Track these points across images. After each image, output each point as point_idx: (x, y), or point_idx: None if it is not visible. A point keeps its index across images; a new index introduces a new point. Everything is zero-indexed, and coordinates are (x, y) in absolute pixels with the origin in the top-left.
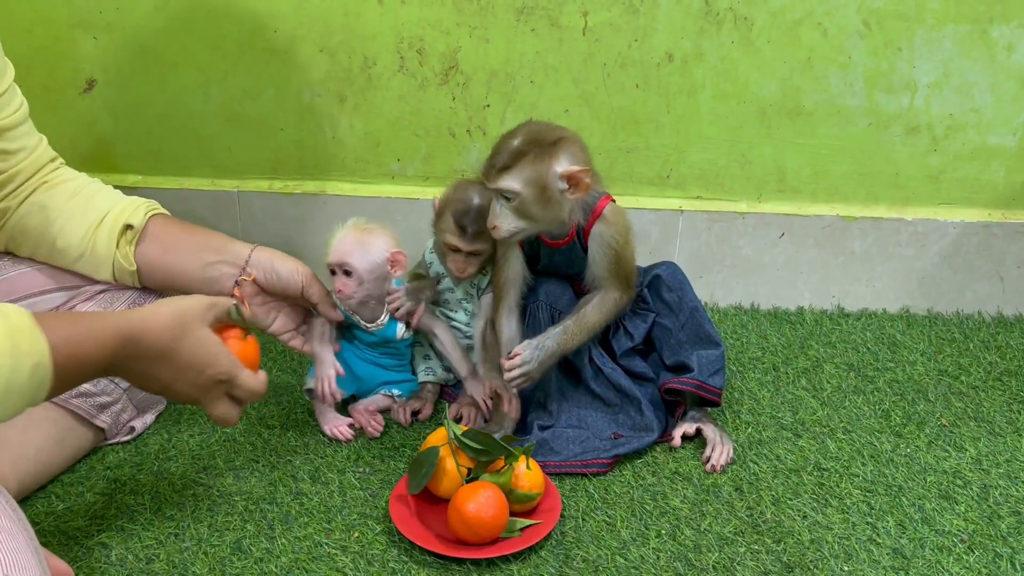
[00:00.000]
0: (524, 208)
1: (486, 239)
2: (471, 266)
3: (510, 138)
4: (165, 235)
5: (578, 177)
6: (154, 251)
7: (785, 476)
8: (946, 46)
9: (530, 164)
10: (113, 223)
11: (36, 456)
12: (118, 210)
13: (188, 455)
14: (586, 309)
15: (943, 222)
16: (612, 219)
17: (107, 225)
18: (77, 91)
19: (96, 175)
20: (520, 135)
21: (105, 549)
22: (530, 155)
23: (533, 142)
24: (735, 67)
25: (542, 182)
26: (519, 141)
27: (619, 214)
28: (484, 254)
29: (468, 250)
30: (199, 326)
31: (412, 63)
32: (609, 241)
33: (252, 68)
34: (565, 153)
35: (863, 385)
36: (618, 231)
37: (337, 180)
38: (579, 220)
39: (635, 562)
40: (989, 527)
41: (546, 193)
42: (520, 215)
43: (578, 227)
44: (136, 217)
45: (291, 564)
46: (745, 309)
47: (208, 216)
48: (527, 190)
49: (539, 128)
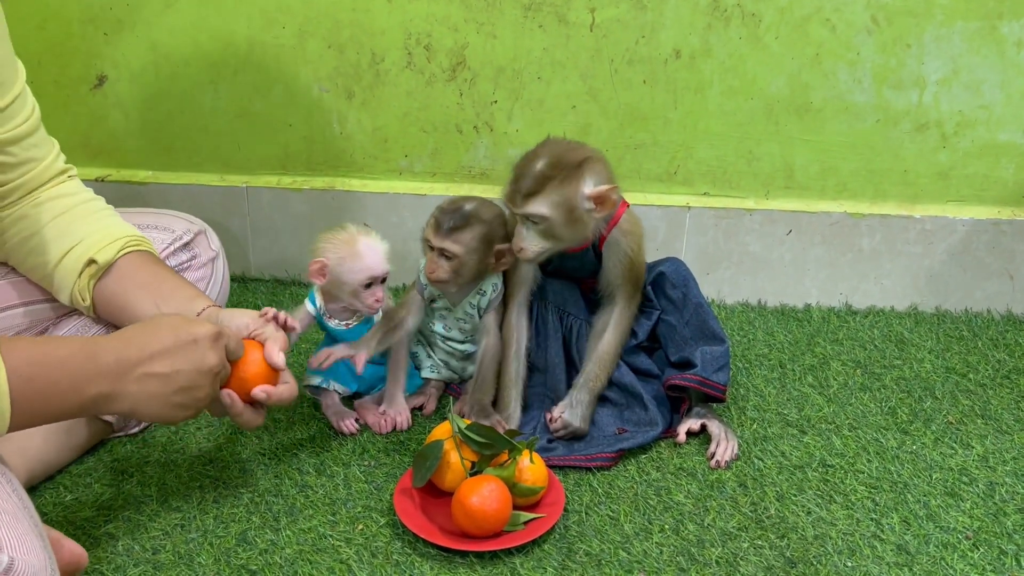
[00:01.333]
0: (551, 231)
1: (461, 246)
2: (441, 270)
3: (533, 160)
4: (133, 276)
5: (605, 196)
6: (115, 288)
7: (790, 472)
8: (955, 42)
9: (557, 188)
10: (80, 255)
11: (44, 446)
12: (91, 241)
13: (195, 448)
14: (602, 345)
15: (952, 219)
16: (628, 228)
17: (73, 256)
18: (88, 87)
19: (107, 171)
20: (543, 157)
21: (112, 539)
22: (557, 179)
23: (558, 165)
24: (743, 63)
25: (570, 204)
26: (543, 164)
27: (635, 223)
28: (456, 261)
29: (438, 246)
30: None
31: (420, 59)
32: (625, 250)
33: (261, 64)
34: (591, 174)
35: (870, 382)
36: (634, 240)
37: (346, 176)
38: (598, 230)
39: (638, 556)
40: (995, 524)
41: (574, 214)
42: (546, 237)
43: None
44: (105, 253)
45: (296, 555)
46: (752, 306)
47: (217, 212)
48: (555, 213)
49: (561, 148)
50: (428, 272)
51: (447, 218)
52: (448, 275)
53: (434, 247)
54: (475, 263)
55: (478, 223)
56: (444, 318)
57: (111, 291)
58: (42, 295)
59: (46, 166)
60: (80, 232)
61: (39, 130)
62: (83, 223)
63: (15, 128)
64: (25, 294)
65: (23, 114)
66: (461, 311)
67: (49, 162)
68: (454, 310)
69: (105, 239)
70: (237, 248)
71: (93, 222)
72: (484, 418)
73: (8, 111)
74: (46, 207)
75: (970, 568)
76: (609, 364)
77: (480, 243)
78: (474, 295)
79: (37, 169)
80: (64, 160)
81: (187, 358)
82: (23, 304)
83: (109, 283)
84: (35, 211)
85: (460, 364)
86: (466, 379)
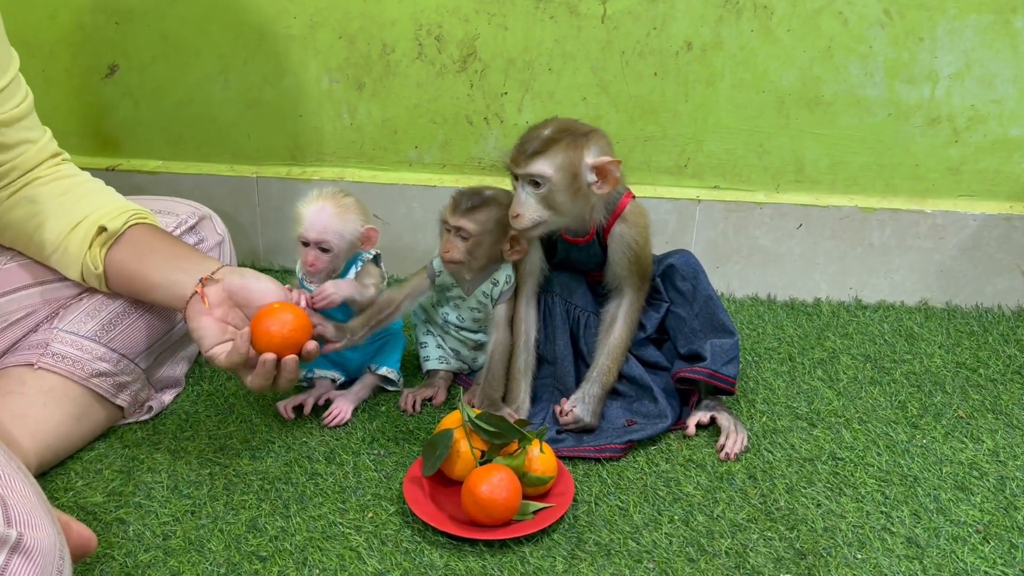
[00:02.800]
0: (551, 197)
1: (477, 225)
2: (456, 250)
3: (540, 128)
4: (142, 243)
5: (608, 169)
6: (125, 256)
7: (799, 465)
8: (968, 36)
9: (563, 151)
10: (91, 225)
11: (55, 431)
12: (100, 213)
13: (205, 435)
14: (612, 337)
15: (963, 214)
16: (632, 219)
17: (84, 226)
18: (99, 76)
19: (117, 160)
20: (551, 126)
21: (123, 525)
22: (563, 142)
23: (565, 131)
24: (754, 56)
25: (574, 170)
26: (550, 130)
27: (639, 214)
28: (472, 240)
29: (454, 225)
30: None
31: (430, 50)
32: (629, 242)
33: (271, 55)
34: (596, 145)
35: (880, 376)
36: (639, 232)
37: (355, 167)
38: (600, 219)
39: (647, 547)
40: (1005, 518)
41: (576, 182)
42: (546, 204)
43: (598, 226)
44: (115, 222)
45: (305, 542)
46: (762, 300)
47: (227, 202)
48: (558, 176)
49: (568, 121)
50: (443, 252)
51: (465, 199)
52: (463, 255)
53: (450, 227)
54: (489, 245)
55: (495, 205)
56: (458, 307)
57: (123, 258)
58: (54, 275)
59: (40, 148)
60: (86, 208)
61: (32, 114)
62: (87, 200)
63: (11, 110)
64: (38, 274)
65: (17, 98)
66: (474, 300)
67: (43, 144)
68: (467, 299)
69: (113, 211)
70: (246, 238)
71: (99, 197)
72: (494, 411)
73: (5, 92)
74: (49, 187)
75: (981, 561)
76: (620, 357)
77: (495, 225)
78: (487, 284)
79: (31, 151)
80: (56, 145)
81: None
82: (38, 284)
83: (120, 250)
84: (37, 191)
85: (471, 354)
86: (476, 370)
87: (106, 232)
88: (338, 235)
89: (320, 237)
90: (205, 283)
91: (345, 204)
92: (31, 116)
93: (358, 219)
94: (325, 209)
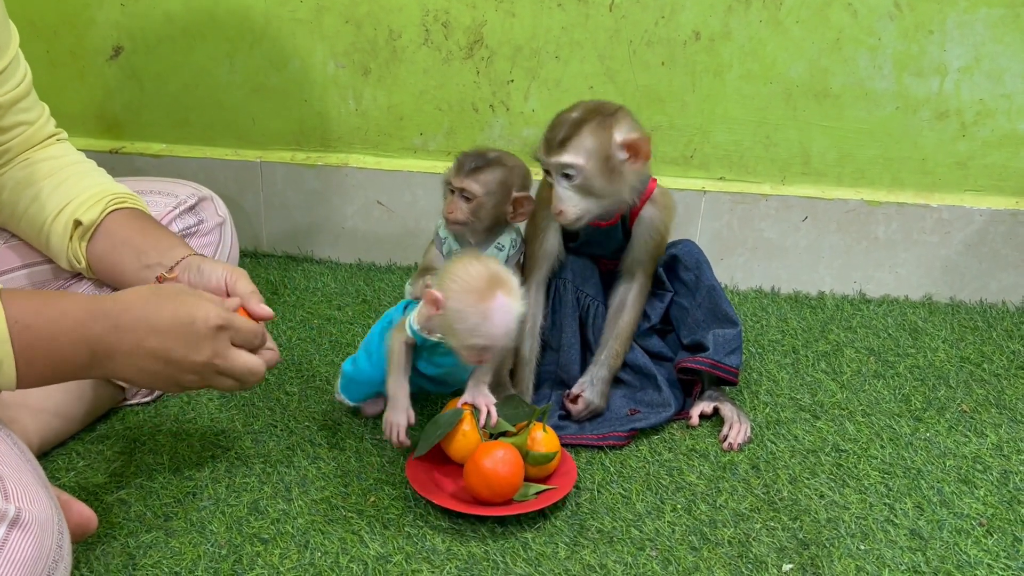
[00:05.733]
0: (588, 184)
1: (481, 186)
2: (459, 211)
3: (566, 113)
4: (117, 233)
5: (638, 145)
6: (103, 250)
7: (803, 456)
8: (978, 29)
9: (591, 134)
10: (68, 217)
11: (56, 411)
12: (77, 203)
13: (207, 418)
14: (622, 321)
15: (969, 209)
16: (662, 201)
17: (63, 218)
18: (104, 58)
19: (121, 143)
20: (578, 109)
21: (124, 505)
22: (591, 124)
23: (591, 112)
24: (763, 47)
25: (605, 152)
26: (577, 114)
27: (667, 196)
28: (476, 201)
29: (458, 186)
30: (177, 289)
31: (437, 36)
32: (657, 226)
33: (277, 39)
34: (624, 122)
35: (883, 370)
36: (667, 214)
37: (360, 153)
38: (632, 200)
39: (650, 534)
40: (1008, 511)
41: (609, 164)
42: (584, 193)
43: (626, 208)
44: (90, 213)
45: (307, 525)
46: (765, 293)
47: (231, 187)
48: (590, 163)
49: (594, 103)
50: (447, 213)
51: (469, 160)
52: (466, 216)
53: (454, 188)
54: (493, 206)
55: (499, 166)
56: None
57: (100, 251)
58: (42, 257)
59: (36, 129)
60: (69, 193)
61: (31, 94)
62: (72, 183)
63: (8, 92)
64: (26, 256)
65: (16, 78)
66: None
67: (40, 125)
68: None
69: (90, 199)
70: (249, 223)
71: (81, 181)
72: (503, 391)
73: (3, 74)
74: (37, 168)
75: (984, 554)
76: (628, 342)
77: (499, 186)
78: (492, 250)
79: (28, 132)
80: (54, 124)
81: (181, 340)
82: (24, 266)
83: (98, 243)
84: (26, 173)
85: None
86: None
87: (82, 226)
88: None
89: (510, 342)
90: (161, 281)
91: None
92: (29, 96)
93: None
94: (509, 308)
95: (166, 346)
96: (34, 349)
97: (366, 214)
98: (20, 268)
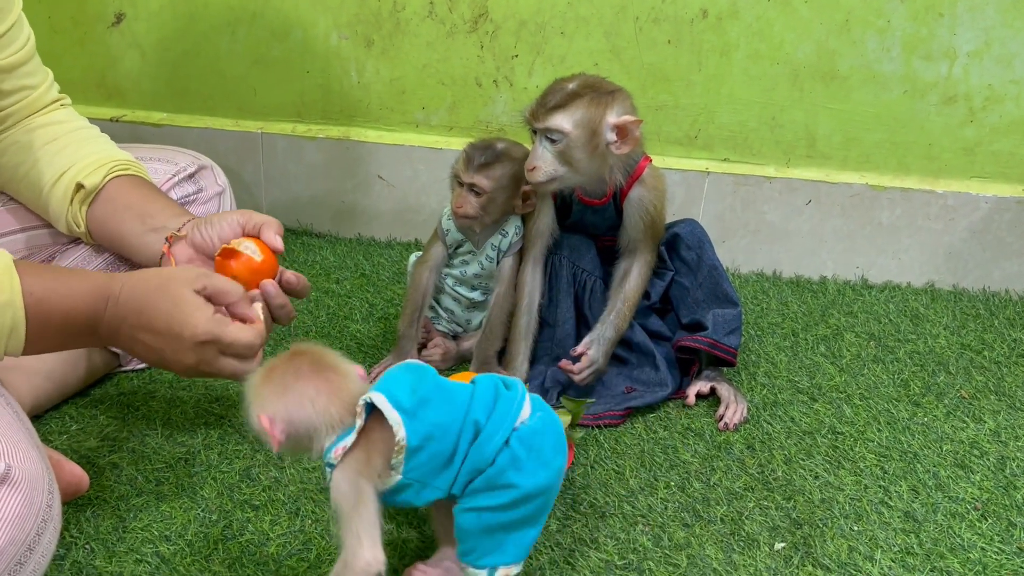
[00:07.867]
0: (568, 152)
1: (491, 181)
2: (469, 205)
3: (564, 81)
4: (120, 198)
5: (629, 129)
6: (104, 214)
7: (798, 437)
8: (989, 13)
9: (584, 107)
10: (69, 181)
11: (50, 374)
12: (79, 167)
13: (201, 385)
14: (628, 285)
15: (975, 196)
16: (651, 182)
17: (63, 183)
18: (106, 25)
19: (122, 111)
20: (576, 80)
21: (116, 469)
22: (585, 98)
23: (589, 87)
24: (770, 27)
25: (593, 127)
26: (575, 84)
27: (658, 177)
28: (486, 197)
29: (468, 181)
30: (181, 287)
31: (442, 9)
32: (647, 206)
33: (280, 9)
34: (620, 104)
35: (883, 355)
36: (656, 196)
37: (361, 126)
38: (618, 181)
39: (642, 511)
40: (1004, 496)
41: (594, 140)
42: (562, 160)
43: (616, 188)
44: (93, 177)
45: (299, 493)
46: (767, 276)
47: (231, 157)
48: (576, 132)
49: (595, 78)
50: (456, 207)
51: (478, 154)
52: (476, 211)
53: (464, 182)
54: (503, 200)
55: (509, 160)
56: (467, 263)
57: (101, 216)
58: (40, 221)
59: (40, 94)
60: (70, 158)
61: (34, 58)
62: (74, 149)
63: (11, 56)
64: (24, 220)
65: (19, 42)
66: (483, 254)
67: (43, 90)
68: (477, 253)
69: (92, 164)
70: (249, 195)
71: (83, 147)
72: (488, 370)
73: (5, 38)
74: (38, 133)
75: (978, 538)
76: (635, 305)
77: (509, 181)
78: (497, 236)
79: (31, 97)
80: (58, 90)
81: (171, 344)
82: (22, 230)
83: (99, 208)
84: (27, 137)
85: (466, 314)
86: (470, 331)
87: (84, 189)
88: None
89: None
90: (171, 241)
91: None
92: (32, 61)
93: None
94: None
95: (158, 345)
96: (46, 322)
97: (366, 188)
98: (18, 232)
